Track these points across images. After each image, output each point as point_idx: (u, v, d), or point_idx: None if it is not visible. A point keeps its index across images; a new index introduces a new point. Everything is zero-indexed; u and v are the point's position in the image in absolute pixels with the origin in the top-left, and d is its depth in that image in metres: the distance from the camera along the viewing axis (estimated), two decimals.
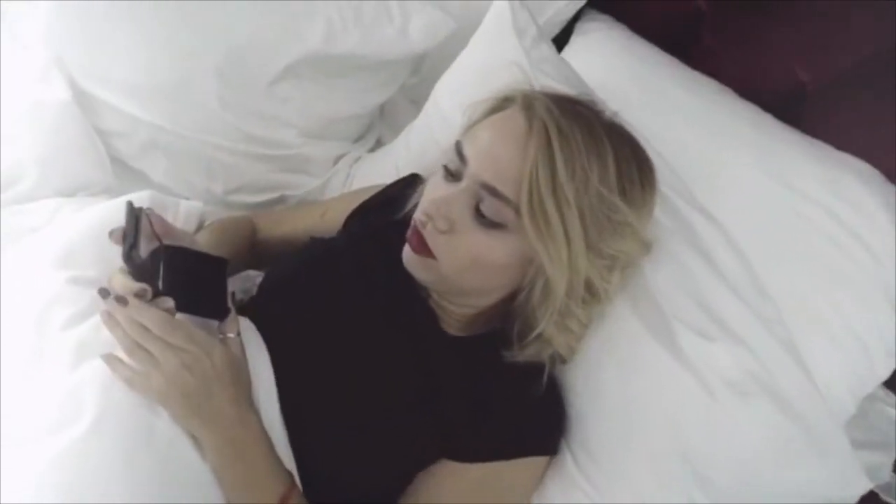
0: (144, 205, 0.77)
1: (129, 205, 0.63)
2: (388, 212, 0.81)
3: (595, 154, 0.64)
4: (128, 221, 0.62)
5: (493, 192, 0.64)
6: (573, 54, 1.02)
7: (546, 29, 1.03)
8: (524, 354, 0.69)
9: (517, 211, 0.63)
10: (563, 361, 0.73)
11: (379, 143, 1.14)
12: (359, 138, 1.10)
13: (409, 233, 0.69)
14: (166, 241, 0.62)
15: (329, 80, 1.00)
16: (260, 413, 0.63)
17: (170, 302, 0.60)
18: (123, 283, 0.62)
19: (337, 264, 0.76)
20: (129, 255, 0.61)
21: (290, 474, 0.63)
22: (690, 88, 0.93)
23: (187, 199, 0.99)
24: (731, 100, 0.91)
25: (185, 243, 0.65)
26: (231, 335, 0.64)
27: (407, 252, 0.69)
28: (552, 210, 0.62)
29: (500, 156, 0.65)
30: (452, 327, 0.74)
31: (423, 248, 0.66)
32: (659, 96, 0.92)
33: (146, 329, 0.59)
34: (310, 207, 0.93)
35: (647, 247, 0.71)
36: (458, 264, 0.66)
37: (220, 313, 0.64)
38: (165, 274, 0.60)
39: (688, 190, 0.78)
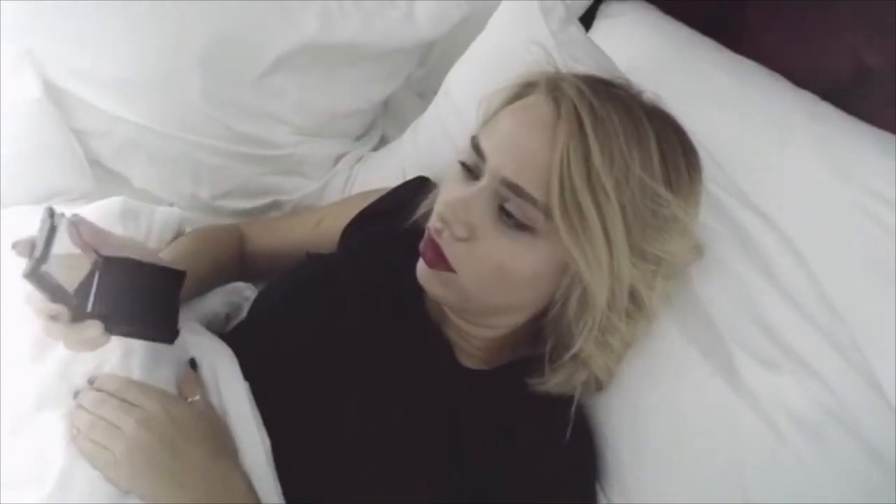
0: (115, 213, 0.69)
1: (48, 210, 0.52)
2: (392, 221, 0.71)
3: (635, 138, 0.55)
4: (41, 230, 0.51)
5: (517, 190, 0.54)
6: (598, 39, 0.91)
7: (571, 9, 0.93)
8: (554, 381, 0.59)
9: (546, 213, 0.53)
10: (599, 388, 0.63)
11: (383, 142, 1.03)
12: (360, 136, 1.00)
13: (422, 244, 0.58)
14: (105, 252, 0.52)
15: (326, 72, 0.90)
16: (246, 468, 0.54)
17: (96, 327, 0.51)
18: (36, 306, 0.52)
19: (335, 287, 0.66)
20: (36, 271, 0.49)
21: None
22: (734, 73, 0.82)
23: (171, 204, 0.91)
24: (783, 86, 0.80)
25: (131, 253, 0.55)
26: (195, 398, 0.55)
27: (421, 267, 0.58)
28: (588, 205, 0.52)
29: (524, 147, 0.55)
30: (473, 358, 0.63)
31: (439, 261, 0.56)
32: (699, 82, 0.81)
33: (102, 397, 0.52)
34: (303, 216, 0.83)
35: (697, 249, 0.61)
36: (481, 277, 0.56)
37: (165, 335, 0.54)
38: (98, 289, 0.51)
39: (738, 188, 0.67)
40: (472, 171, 0.58)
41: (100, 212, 0.68)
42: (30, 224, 0.75)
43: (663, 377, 0.62)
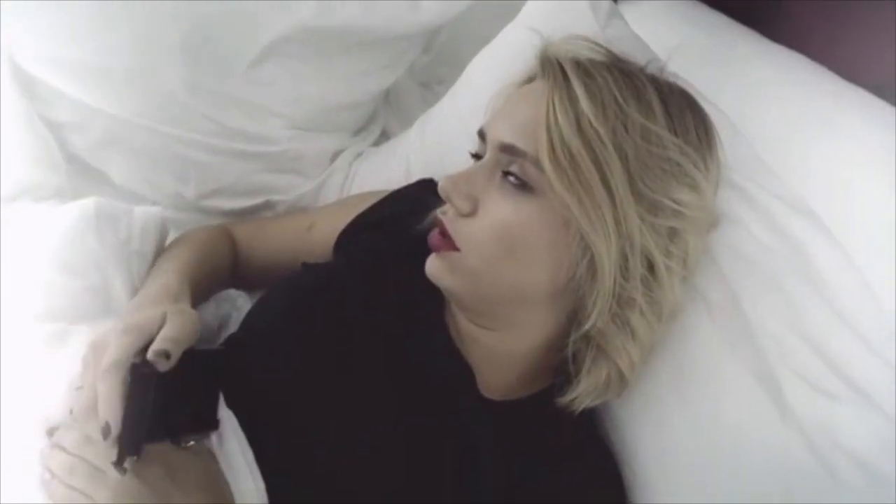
0: (89, 216, 0.62)
1: (134, 367, 0.46)
2: (393, 228, 0.65)
3: (632, 90, 0.53)
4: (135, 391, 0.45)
5: (512, 149, 0.53)
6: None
7: None
8: (581, 388, 0.54)
9: (537, 165, 0.50)
10: (624, 383, 0.56)
11: (384, 136, 0.96)
12: (360, 130, 0.92)
13: (430, 235, 0.55)
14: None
15: (322, 60, 0.82)
16: None
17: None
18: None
19: (340, 302, 0.59)
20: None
21: None
22: (776, 64, 0.76)
23: (154, 204, 0.84)
24: (829, 78, 0.73)
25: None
26: (190, 442, 0.49)
27: (430, 259, 0.54)
28: (580, 151, 0.50)
29: (517, 110, 0.55)
30: (497, 386, 0.57)
31: (444, 242, 0.53)
32: (736, 72, 0.75)
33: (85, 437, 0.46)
34: (294, 218, 0.76)
35: (713, 214, 0.57)
36: (485, 247, 0.53)
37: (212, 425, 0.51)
38: (156, 407, 0.46)
39: (790, 192, 0.60)
40: (478, 157, 0.57)
41: (74, 214, 0.62)
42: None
43: (701, 393, 0.56)
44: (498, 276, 0.53)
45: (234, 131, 0.80)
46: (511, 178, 0.53)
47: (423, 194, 0.68)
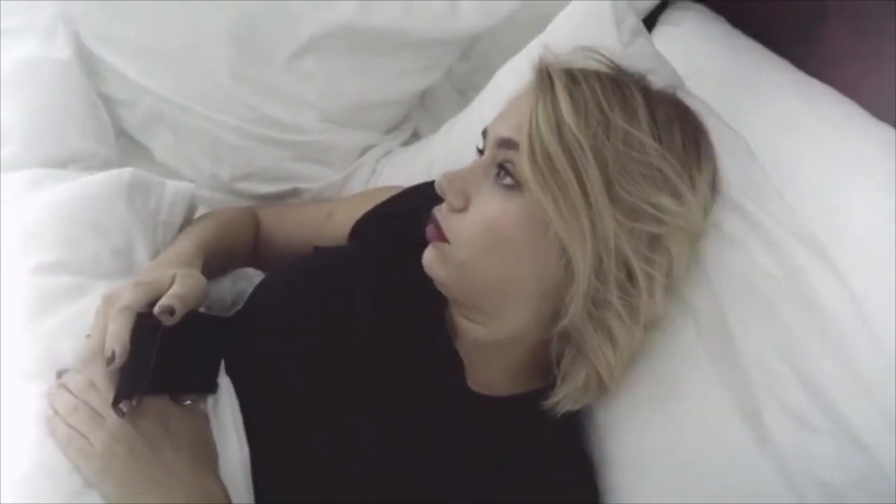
0: (123, 185, 0.66)
1: (140, 317, 0.50)
2: (407, 223, 0.66)
3: (619, 98, 0.54)
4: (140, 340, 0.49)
5: (508, 143, 0.55)
6: (661, 46, 0.84)
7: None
8: (564, 390, 0.55)
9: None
10: (603, 388, 0.57)
11: (415, 137, 0.98)
12: (392, 129, 0.95)
13: (427, 228, 0.57)
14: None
15: (360, 59, 0.85)
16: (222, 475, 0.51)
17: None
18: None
19: (344, 284, 0.61)
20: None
21: None
22: (803, 96, 0.75)
23: (191, 181, 0.88)
24: (859, 116, 0.71)
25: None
26: (188, 402, 0.52)
27: (426, 250, 0.57)
28: (558, 154, 0.51)
29: (514, 110, 0.57)
30: (485, 381, 0.58)
31: (436, 234, 0.55)
32: (761, 101, 0.74)
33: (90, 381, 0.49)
34: (316, 206, 0.79)
35: (697, 224, 0.57)
36: (472, 241, 0.55)
37: (210, 389, 0.54)
38: (159, 361, 0.49)
39: (801, 223, 0.59)
40: (480, 153, 0.59)
41: (109, 180, 0.66)
42: (41, 186, 0.74)
43: (681, 410, 0.56)
44: (483, 269, 0.55)
45: (270, 119, 0.84)
46: (502, 175, 0.54)
47: (435, 192, 0.70)
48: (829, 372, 0.53)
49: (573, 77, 0.54)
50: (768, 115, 0.72)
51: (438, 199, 0.64)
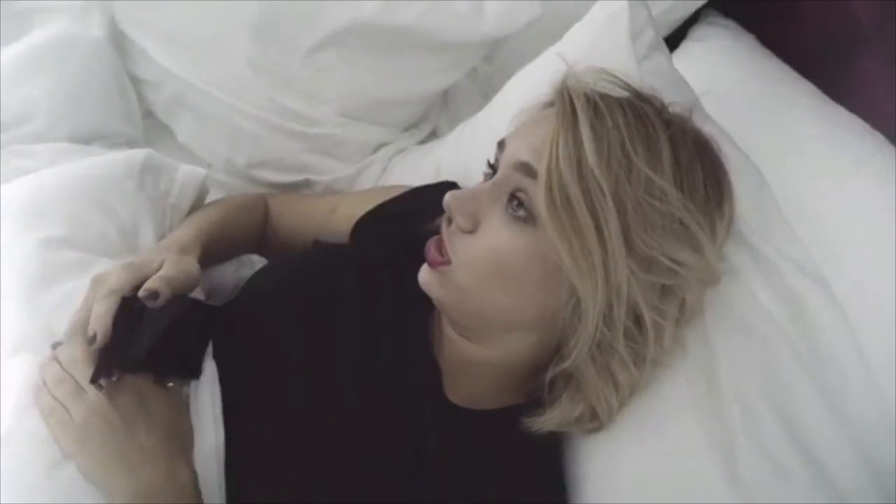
0: (136, 165, 0.68)
1: (126, 300, 0.51)
2: (409, 223, 0.66)
3: (642, 137, 0.51)
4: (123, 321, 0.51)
5: (527, 168, 0.52)
6: (681, 63, 0.82)
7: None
8: (552, 415, 0.54)
9: None
10: (598, 426, 0.56)
11: (433, 136, 0.98)
12: (409, 127, 0.95)
13: (428, 243, 0.55)
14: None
15: (381, 56, 0.85)
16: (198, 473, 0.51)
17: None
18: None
19: (335, 279, 0.62)
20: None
21: None
22: (829, 127, 0.72)
23: (208, 165, 0.90)
24: (887, 151, 0.69)
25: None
26: (171, 384, 0.53)
27: (423, 269, 0.55)
28: (577, 197, 0.49)
29: (534, 133, 0.54)
30: (462, 393, 0.58)
31: (438, 258, 0.54)
32: (784, 131, 0.72)
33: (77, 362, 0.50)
34: (321, 199, 0.80)
35: (714, 274, 0.55)
36: (475, 267, 0.53)
37: (194, 375, 0.55)
38: (146, 341, 0.51)
39: (809, 258, 0.58)
40: (493, 168, 0.57)
41: (122, 162, 0.68)
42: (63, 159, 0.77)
43: (656, 438, 0.55)
44: (484, 296, 0.54)
45: (287, 110, 0.85)
46: (515, 205, 0.52)
47: (440, 195, 0.70)
48: (816, 418, 0.52)
49: (597, 109, 0.51)
50: (785, 142, 0.70)
51: (440, 205, 0.65)
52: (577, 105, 0.51)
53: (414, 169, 0.85)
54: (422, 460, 0.54)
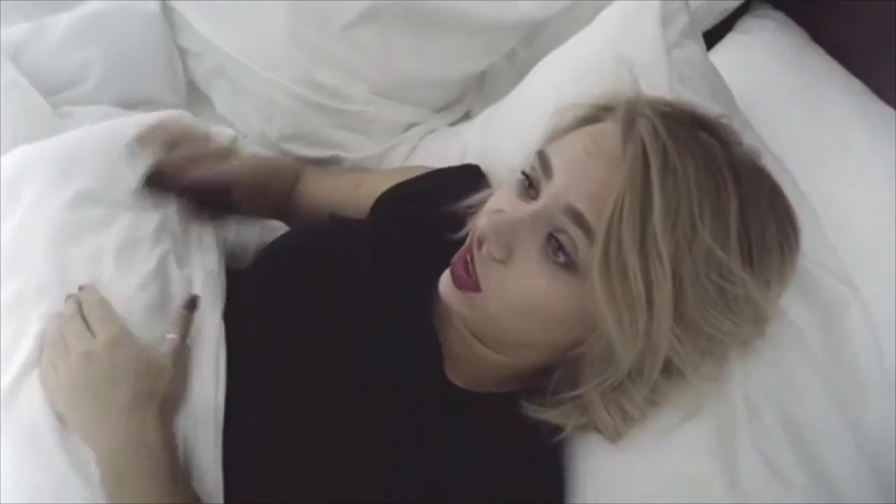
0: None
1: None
2: (429, 204, 0.66)
3: (712, 200, 0.46)
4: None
5: (579, 218, 0.47)
6: (724, 57, 0.79)
7: (698, 17, 0.80)
8: (551, 414, 0.53)
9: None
10: (612, 439, 0.55)
11: (467, 118, 0.98)
12: (442, 108, 0.95)
13: (456, 257, 0.53)
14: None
15: (417, 34, 0.85)
16: (195, 439, 0.53)
17: None
18: None
19: (348, 252, 0.62)
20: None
21: None
22: (873, 128, 0.69)
23: (244, 137, 0.93)
24: None
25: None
26: (171, 336, 0.54)
27: (446, 281, 0.53)
28: (635, 266, 0.45)
29: (594, 176, 0.48)
30: (462, 375, 0.58)
31: (466, 282, 0.51)
32: (826, 131, 0.69)
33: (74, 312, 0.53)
34: (347, 175, 0.81)
35: (763, 323, 0.52)
36: (507, 305, 0.51)
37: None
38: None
39: (843, 266, 0.56)
40: (532, 187, 0.51)
41: (153, 119, 0.70)
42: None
43: (658, 436, 0.54)
44: (512, 328, 0.52)
45: (320, 85, 0.87)
46: (555, 247, 0.48)
47: (463, 178, 0.69)
48: (827, 429, 0.50)
49: (667, 160, 0.46)
50: (827, 145, 0.67)
51: (460, 185, 0.64)
52: (649, 154, 0.46)
53: (440, 150, 0.85)
54: (418, 437, 0.54)
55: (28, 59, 0.85)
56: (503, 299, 0.50)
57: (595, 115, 0.54)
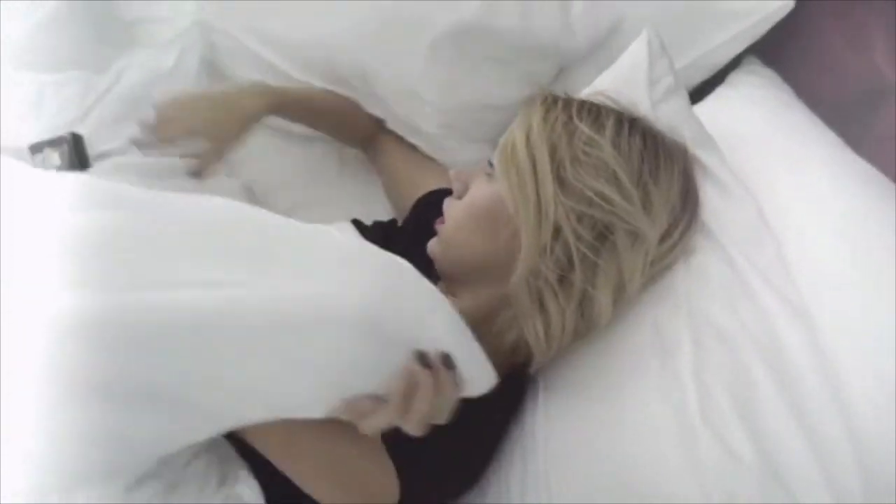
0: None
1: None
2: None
3: (591, 115, 0.67)
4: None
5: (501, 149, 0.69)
6: (712, 107, 0.90)
7: (690, 72, 0.96)
8: (499, 342, 0.64)
9: None
10: (530, 356, 0.66)
11: None
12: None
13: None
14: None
15: (480, 61, 0.94)
16: None
17: None
18: None
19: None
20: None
21: None
22: (844, 178, 0.74)
23: None
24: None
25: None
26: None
27: (433, 239, 0.72)
28: (521, 146, 0.65)
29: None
30: None
31: (439, 220, 0.72)
32: (802, 176, 0.76)
33: None
34: (416, 166, 0.96)
35: (643, 229, 0.64)
36: (458, 219, 0.70)
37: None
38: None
39: (794, 290, 0.65)
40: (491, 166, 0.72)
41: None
42: None
43: (622, 421, 0.63)
44: (461, 242, 0.69)
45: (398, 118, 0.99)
46: (489, 167, 0.70)
47: None
48: (785, 430, 0.57)
49: (554, 98, 0.68)
50: (797, 183, 0.73)
51: None
52: (538, 98, 0.68)
53: None
54: None
55: None
56: (457, 216, 0.70)
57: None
